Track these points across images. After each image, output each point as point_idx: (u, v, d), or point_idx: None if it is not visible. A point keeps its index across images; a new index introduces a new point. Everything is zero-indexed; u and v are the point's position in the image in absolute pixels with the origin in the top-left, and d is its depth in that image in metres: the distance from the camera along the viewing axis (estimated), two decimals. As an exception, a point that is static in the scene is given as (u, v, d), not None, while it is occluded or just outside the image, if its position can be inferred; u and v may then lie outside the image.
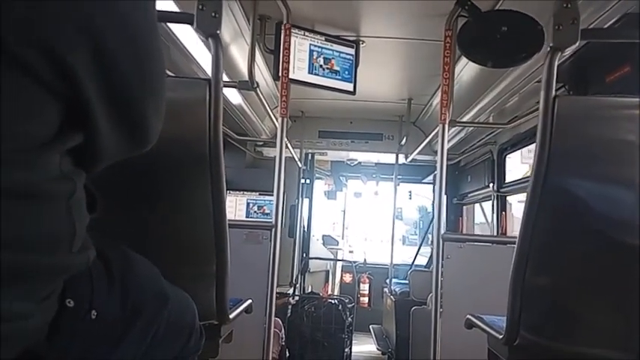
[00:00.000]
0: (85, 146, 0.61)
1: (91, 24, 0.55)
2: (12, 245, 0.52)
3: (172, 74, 2.23)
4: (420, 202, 7.06)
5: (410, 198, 6.73)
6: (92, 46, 0.56)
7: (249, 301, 1.64)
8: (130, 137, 0.67)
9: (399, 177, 4.81)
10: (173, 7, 1.88)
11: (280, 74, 2.38)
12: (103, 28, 0.57)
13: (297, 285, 4.74)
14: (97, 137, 0.62)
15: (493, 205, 4.02)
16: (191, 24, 1.25)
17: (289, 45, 2.38)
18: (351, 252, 7.74)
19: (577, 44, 1.21)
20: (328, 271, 5.90)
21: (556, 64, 1.20)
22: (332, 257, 5.98)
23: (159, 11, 0.71)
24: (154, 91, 0.68)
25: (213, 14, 1.24)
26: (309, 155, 5.06)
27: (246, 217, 4.46)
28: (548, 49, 1.21)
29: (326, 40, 2.73)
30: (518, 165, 4.48)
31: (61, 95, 0.56)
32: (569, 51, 1.23)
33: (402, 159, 4.50)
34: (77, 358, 0.66)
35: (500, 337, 1.32)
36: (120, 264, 0.76)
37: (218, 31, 1.25)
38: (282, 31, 2.36)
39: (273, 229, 2.23)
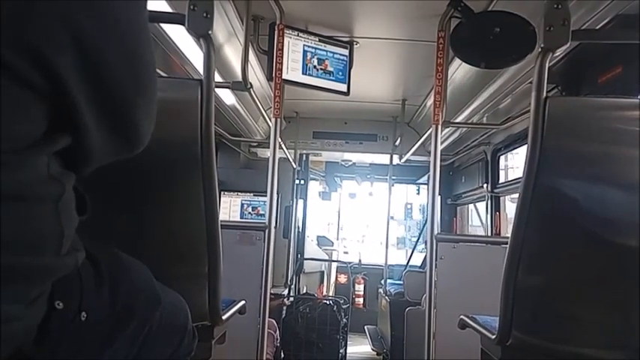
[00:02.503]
0: (74, 148, 0.61)
1: (78, 25, 0.55)
2: None
3: (165, 75, 2.24)
4: (423, 201, 7.04)
5: (418, 193, 6.73)
6: (79, 48, 0.55)
7: (243, 302, 1.63)
8: (120, 139, 0.67)
9: (393, 178, 4.81)
10: (166, 8, 1.88)
11: (274, 75, 2.38)
12: (91, 29, 0.56)
13: (292, 286, 4.73)
14: (85, 139, 0.61)
15: (487, 206, 4.03)
16: (183, 24, 1.25)
17: (283, 46, 2.38)
18: (346, 253, 7.74)
19: (568, 45, 1.21)
20: (323, 272, 5.90)
21: (547, 64, 1.20)
22: (327, 258, 5.98)
23: (150, 11, 0.70)
24: (145, 93, 0.67)
25: (204, 14, 1.24)
26: (304, 156, 5.06)
27: (241, 218, 4.45)
28: (540, 49, 1.21)
29: (320, 40, 2.73)
30: (522, 165, 4.49)
31: (48, 97, 0.55)
32: (560, 52, 1.24)
33: (396, 160, 4.51)
34: (67, 359, 0.65)
35: (493, 337, 1.32)
36: (109, 266, 0.75)
37: (210, 32, 1.25)
38: (276, 32, 2.36)
39: (267, 230, 2.22)
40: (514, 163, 4.04)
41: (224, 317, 1.37)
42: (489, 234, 3.97)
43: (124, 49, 0.62)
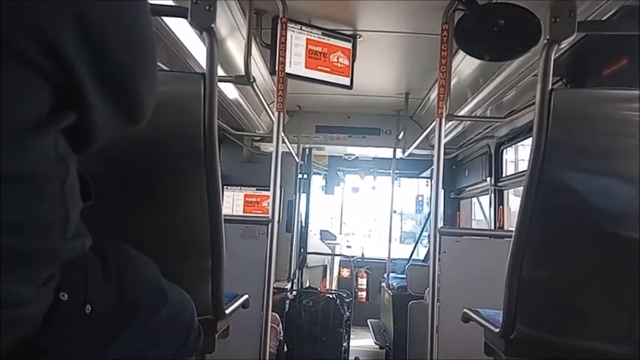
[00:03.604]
0: (79, 124, 0.61)
1: (81, 4, 0.56)
2: (5, 229, 0.51)
3: (168, 69, 2.24)
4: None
5: (427, 185, 6.70)
6: (82, 27, 0.56)
7: (246, 296, 1.63)
8: (124, 113, 0.68)
9: (396, 172, 4.80)
10: (168, 1, 1.87)
11: (277, 69, 2.37)
12: (94, 8, 0.57)
13: (295, 280, 4.74)
14: (90, 115, 0.62)
15: (490, 199, 4.02)
16: (185, 17, 1.25)
17: (285, 39, 2.37)
18: (349, 247, 7.76)
19: (574, 36, 1.20)
20: (326, 266, 5.91)
21: (553, 56, 1.19)
22: (330, 252, 5.99)
23: (153, 5, 0.71)
24: (145, 67, 0.69)
25: (207, 8, 1.23)
26: (307, 150, 5.05)
27: (243, 212, 4.45)
28: (545, 41, 1.20)
29: (323, 34, 2.72)
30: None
31: (53, 76, 0.56)
32: (565, 43, 1.23)
33: (399, 153, 4.50)
34: (72, 351, 0.65)
35: (497, 330, 1.32)
36: (117, 261, 0.76)
37: (212, 25, 1.24)
38: (279, 26, 2.35)
39: (270, 224, 2.22)
40: (524, 155, 4.02)
41: (227, 311, 1.38)
42: (493, 228, 3.96)
43: (126, 26, 0.63)
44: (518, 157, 4.01)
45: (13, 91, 0.52)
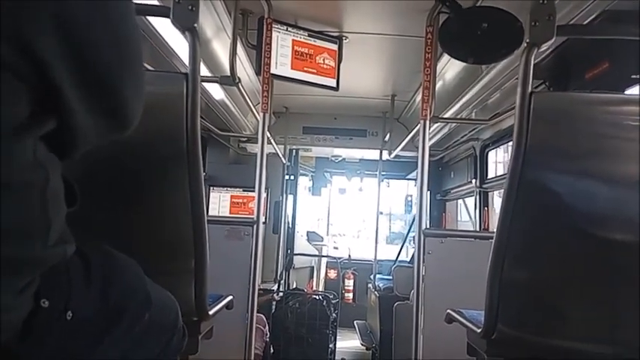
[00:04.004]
0: (60, 131, 0.60)
1: (60, 7, 0.54)
2: None
3: (152, 68, 2.22)
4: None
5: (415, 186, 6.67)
6: (62, 29, 0.55)
7: (230, 297, 1.63)
8: (108, 120, 0.66)
9: (383, 173, 4.82)
10: (152, 0, 1.86)
11: (262, 69, 2.37)
12: (74, 9, 0.56)
13: (282, 281, 4.73)
14: (71, 120, 0.60)
15: (475, 201, 4.05)
16: (168, 17, 1.24)
17: (271, 40, 2.37)
18: (335, 248, 7.75)
19: (553, 40, 1.22)
20: (313, 267, 5.91)
21: (532, 59, 1.21)
22: (317, 253, 5.99)
23: (136, 4, 0.70)
24: (132, 73, 0.67)
25: (190, 7, 1.23)
26: (294, 151, 5.05)
27: (230, 213, 4.43)
28: (525, 44, 1.22)
29: (309, 35, 2.72)
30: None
31: (31, 80, 0.54)
32: (546, 47, 1.24)
33: (385, 155, 4.51)
34: (52, 357, 0.64)
35: (479, 330, 1.33)
36: (101, 264, 0.74)
37: (195, 25, 1.24)
38: (264, 26, 2.35)
39: (255, 225, 2.22)
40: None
41: (211, 312, 1.37)
42: (478, 229, 3.99)
43: (109, 28, 0.61)
44: (505, 159, 4.05)
45: None
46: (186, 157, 1.16)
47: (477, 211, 4.02)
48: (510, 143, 3.44)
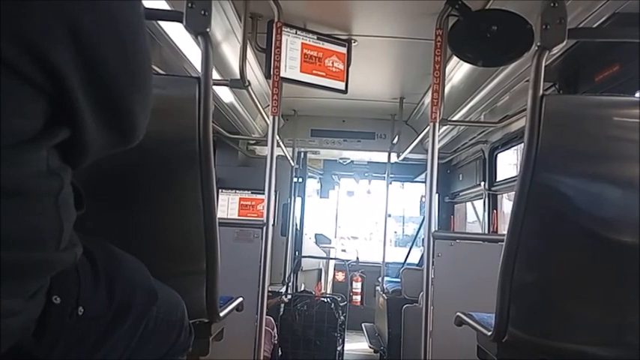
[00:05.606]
0: (71, 141, 0.61)
1: (75, 20, 0.55)
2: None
3: (163, 72, 2.24)
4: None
5: None
6: (77, 43, 0.56)
7: (240, 299, 1.64)
8: (116, 133, 0.67)
9: (391, 176, 4.82)
10: (164, 5, 1.87)
11: (272, 73, 2.38)
12: (88, 24, 0.57)
13: (290, 283, 4.73)
14: (83, 132, 0.61)
15: (484, 204, 4.04)
16: (180, 22, 1.25)
17: (280, 43, 2.38)
18: (343, 251, 7.75)
19: (564, 43, 1.22)
20: (321, 269, 5.90)
21: (544, 63, 1.21)
22: (325, 256, 5.99)
23: (148, 9, 0.71)
24: (140, 88, 0.68)
25: (202, 12, 1.24)
26: (302, 154, 5.06)
27: (238, 215, 4.45)
28: (536, 48, 1.22)
29: (318, 38, 2.73)
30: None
31: (46, 91, 0.56)
32: (556, 50, 1.24)
33: (394, 158, 4.51)
34: (64, 354, 0.66)
35: (489, 333, 1.32)
36: (105, 261, 0.76)
37: (208, 29, 1.25)
38: (274, 30, 2.36)
39: (265, 227, 2.23)
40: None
41: (221, 314, 1.38)
42: (487, 232, 3.98)
43: (120, 44, 0.62)
44: (514, 162, 4.04)
45: (6, 104, 0.52)
46: (199, 160, 1.17)
47: (486, 213, 4.00)
48: (519, 146, 3.45)
